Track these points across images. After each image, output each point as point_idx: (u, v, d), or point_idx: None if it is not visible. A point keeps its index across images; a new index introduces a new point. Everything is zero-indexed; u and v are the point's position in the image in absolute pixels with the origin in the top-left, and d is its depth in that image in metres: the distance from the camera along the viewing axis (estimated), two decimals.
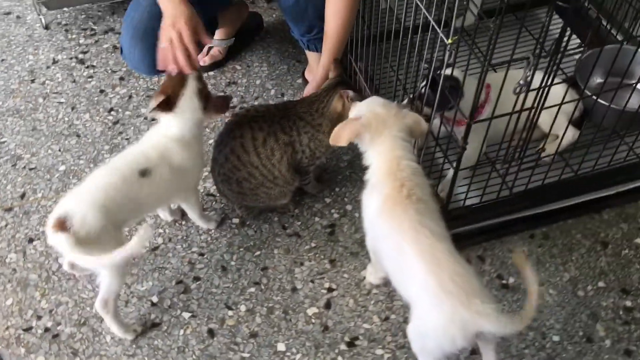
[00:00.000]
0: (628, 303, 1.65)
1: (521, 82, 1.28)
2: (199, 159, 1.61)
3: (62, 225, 1.35)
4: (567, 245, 1.77)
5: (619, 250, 1.76)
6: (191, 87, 1.50)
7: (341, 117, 1.59)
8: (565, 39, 1.26)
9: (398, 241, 1.29)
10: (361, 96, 1.57)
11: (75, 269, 1.63)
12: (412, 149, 1.38)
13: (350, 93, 1.58)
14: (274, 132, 1.63)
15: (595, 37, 1.87)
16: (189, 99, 1.50)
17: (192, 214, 1.75)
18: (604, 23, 1.93)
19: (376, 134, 1.36)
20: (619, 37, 1.91)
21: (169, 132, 1.52)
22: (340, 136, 1.38)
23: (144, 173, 1.46)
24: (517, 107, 1.38)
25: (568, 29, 1.24)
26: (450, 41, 1.27)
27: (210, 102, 1.55)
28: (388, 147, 1.35)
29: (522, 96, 1.34)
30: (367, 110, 1.41)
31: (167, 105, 1.48)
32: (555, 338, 1.58)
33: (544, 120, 1.62)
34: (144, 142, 1.54)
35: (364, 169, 1.42)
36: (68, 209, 1.38)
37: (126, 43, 1.79)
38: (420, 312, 1.26)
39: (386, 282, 1.66)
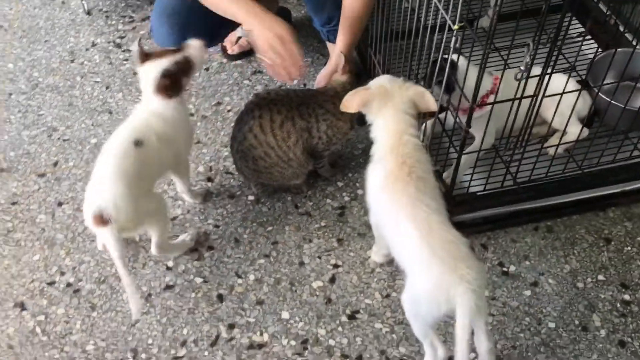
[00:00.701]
0: (626, 297, 1.68)
1: (522, 67, 1.35)
2: (182, 130, 1.67)
3: (101, 220, 1.46)
4: (570, 239, 1.81)
5: (622, 246, 1.79)
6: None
7: None
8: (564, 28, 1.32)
9: (397, 214, 1.36)
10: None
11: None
12: (415, 123, 1.44)
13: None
14: (291, 116, 1.72)
15: (611, 39, 1.92)
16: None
17: (180, 185, 1.84)
18: (620, 27, 1.98)
19: (382, 103, 1.44)
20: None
21: (150, 108, 1.61)
22: (350, 103, 1.46)
23: (137, 143, 1.54)
24: (519, 94, 1.45)
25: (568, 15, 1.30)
26: (456, 27, 1.35)
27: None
28: (391, 119, 1.43)
29: (522, 84, 1.41)
30: (374, 82, 1.50)
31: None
32: (551, 325, 1.63)
33: (550, 113, 1.68)
34: (131, 119, 1.64)
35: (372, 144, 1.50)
36: (98, 204, 1.47)
37: (155, 22, 1.94)
38: (412, 278, 1.33)
39: (389, 262, 1.73)
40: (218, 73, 2.31)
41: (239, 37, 2.34)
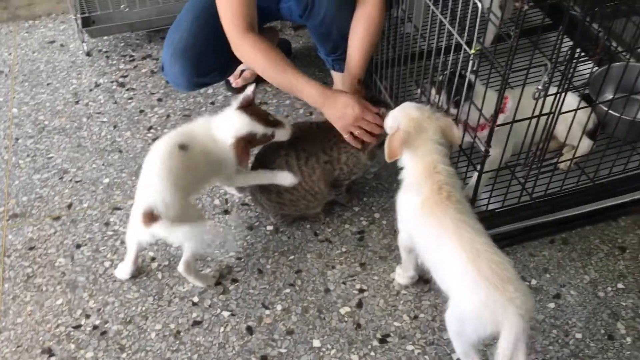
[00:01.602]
0: None
1: (539, 87, 1.39)
2: (230, 161, 1.70)
3: (151, 217, 1.52)
4: (586, 250, 1.85)
5: (637, 254, 1.84)
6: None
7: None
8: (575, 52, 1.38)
9: (439, 236, 1.37)
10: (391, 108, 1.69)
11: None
12: (447, 152, 1.48)
13: (383, 110, 1.70)
14: (315, 152, 1.75)
15: (605, 54, 1.99)
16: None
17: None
18: (613, 44, 2.06)
19: (414, 136, 1.46)
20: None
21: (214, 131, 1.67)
22: (393, 150, 1.47)
23: (182, 147, 1.61)
24: (536, 113, 1.49)
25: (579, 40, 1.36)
26: (473, 51, 1.40)
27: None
28: (425, 150, 1.45)
29: (540, 102, 1.46)
30: (401, 115, 1.50)
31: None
32: (578, 335, 1.66)
33: (560, 130, 1.74)
34: (185, 126, 1.72)
35: (389, 179, 1.52)
36: (148, 201, 1.54)
37: (167, 61, 1.94)
38: (458, 298, 1.34)
39: (414, 284, 1.75)
40: (224, 107, 2.32)
41: (243, 70, 2.38)
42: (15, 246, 1.90)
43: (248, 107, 1.67)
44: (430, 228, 1.39)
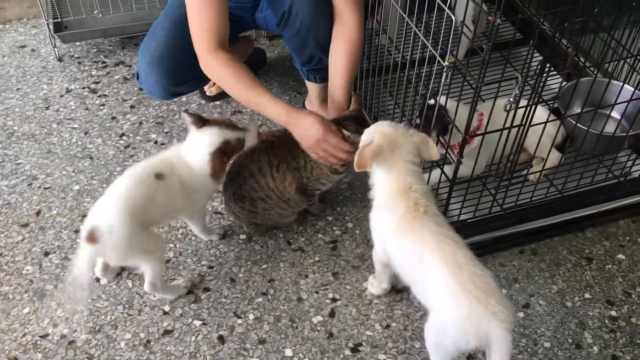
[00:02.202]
0: (613, 313, 1.76)
1: (510, 99, 1.42)
2: (207, 186, 1.69)
3: (92, 238, 1.47)
4: (554, 260, 1.89)
5: (603, 265, 1.88)
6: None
7: None
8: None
9: (419, 251, 1.37)
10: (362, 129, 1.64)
11: (107, 274, 1.77)
12: (421, 171, 1.48)
13: (348, 134, 1.67)
14: (285, 158, 1.75)
15: (574, 69, 2.05)
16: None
17: (195, 228, 1.87)
18: (581, 59, 2.12)
19: (388, 153, 1.44)
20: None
21: (186, 158, 1.63)
22: (364, 161, 1.45)
23: (159, 176, 1.57)
24: (507, 125, 1.52)
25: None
26: (446, 63, 1.42)
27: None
28: (399, 170, 1.44)
29: (511, 114, 1.49)
30: (375, 131, 1.49)
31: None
32: (547, 344, 1.68)
33: (530, 142, 1.78)
34: (163, 154, 1.67)
35: (362, 189, 1.52)
36: (95, 223, 1.49)
37: (142, 69, 1.92)
38: (440, 310, 1.34)
39: (386, 293, 1.76)
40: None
41: None
42: None
43: (206, 122, 1.63)
44: (410, 244, 1.39)
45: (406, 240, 1.40)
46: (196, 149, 1.61)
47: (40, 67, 2.54)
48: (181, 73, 1.91)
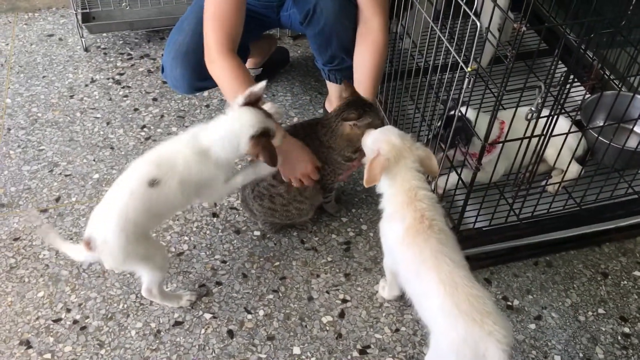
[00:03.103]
0: (626, 330, 1.74)
1: (532, 108, 1.41)
2: (218, 177, 1.57)
3: (89, 246, 1.48)
4: (569, 273, 1.87)
5: (618, 281, 1.86)
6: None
7: (350, 139, 1.69)
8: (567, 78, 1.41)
9: (418, 268, 1.36)
10: (366, 118, 1.64)
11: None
12: (425, 179, 1.47)
13: (352, 120, 1.65)
14: None
15: (598, 81, 2.03)
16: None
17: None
18: (606, 72, 2.09)
19: (393, 163, 1.44)
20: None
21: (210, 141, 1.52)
22: (373, 176, 1.44)
23: (153, 183, 1.47)
24: (528, 134, 1.51)
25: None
26: (469, 69, 1.42)
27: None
28: (404, 177, 1.43)
29: (532, 124, 1.48)
30: (383, 140, 1.48)
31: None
32: (557, 357, 1.67)
33: (550, 153, 1.77)
34: (169, 147, 1.55)
35: (378, 194, 1.52)
36: (93, 232, 1.48)
37: (168, 63, 1.94)
38: (437, 334, 1.33)
39: (397, 297, 1.75)
40: (219, 110, 2.34)
41: None
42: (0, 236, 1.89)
43: (254, 104, 1.52)
44: (412, 258, 1.38)
45: (409, 253, 1.39)
46: (232, 129, 1.50)
47: (66, 56, 2.58)
48: (206, 68, 1.93)
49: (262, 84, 1.53)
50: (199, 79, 1.95)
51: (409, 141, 1.48)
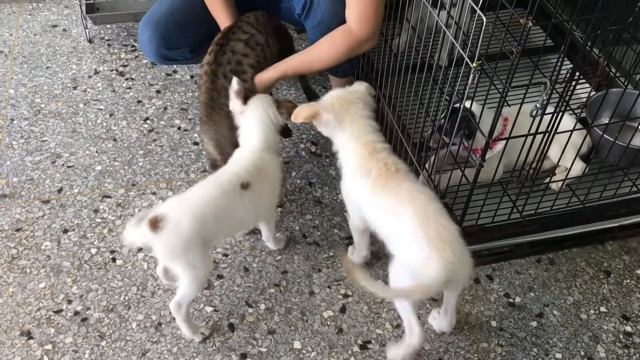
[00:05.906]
0: (628, 328, 1.73)
1: (537, 105, 1.40)
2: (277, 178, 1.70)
3: (155, 225, 1.42)
4: (572, 271, 1.86)
5: (621, 279, 1.85)
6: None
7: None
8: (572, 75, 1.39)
9: (395, 207, 1.43)
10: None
11: (167, 277, 1.69)
12: (378, 128, 1.53)
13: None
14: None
15: (604, 79, 2.01)
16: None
17: (265, 232, 1.82)
18: (612, 69, 2.08)
19: (341, 112, 1.51)
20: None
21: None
22: (298, 114, 1.53)
23: (244, 186, 1.55)
24: (532, 131, 1.50)
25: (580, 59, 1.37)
26: (474, 65, 1.41)
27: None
28: (358, 130, 1.50)
29: (536, 120, 1.47)
30: (326, 97, 1.57)
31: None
32: (558, 355, 1.66)
33: (554, 150, 1.76)
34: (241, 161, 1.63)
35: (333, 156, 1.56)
36: (165, 211, 1.44)
37: (140, 28, 2.03)
38: (403, 254, 1.42)
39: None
40: None
41: None
42: (1, 226, 1.89)
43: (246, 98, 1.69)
44: (387, 201, 1.44)
45: (384, 198, 1.45)
46: (260, 107, 1.65)
47: (70, 47, 2.57)
48: (174, 38, 1.99)
49: (234, 80, 1.67)
50: (166, 47, 2.01)
51: (351, 90, 1.57)
